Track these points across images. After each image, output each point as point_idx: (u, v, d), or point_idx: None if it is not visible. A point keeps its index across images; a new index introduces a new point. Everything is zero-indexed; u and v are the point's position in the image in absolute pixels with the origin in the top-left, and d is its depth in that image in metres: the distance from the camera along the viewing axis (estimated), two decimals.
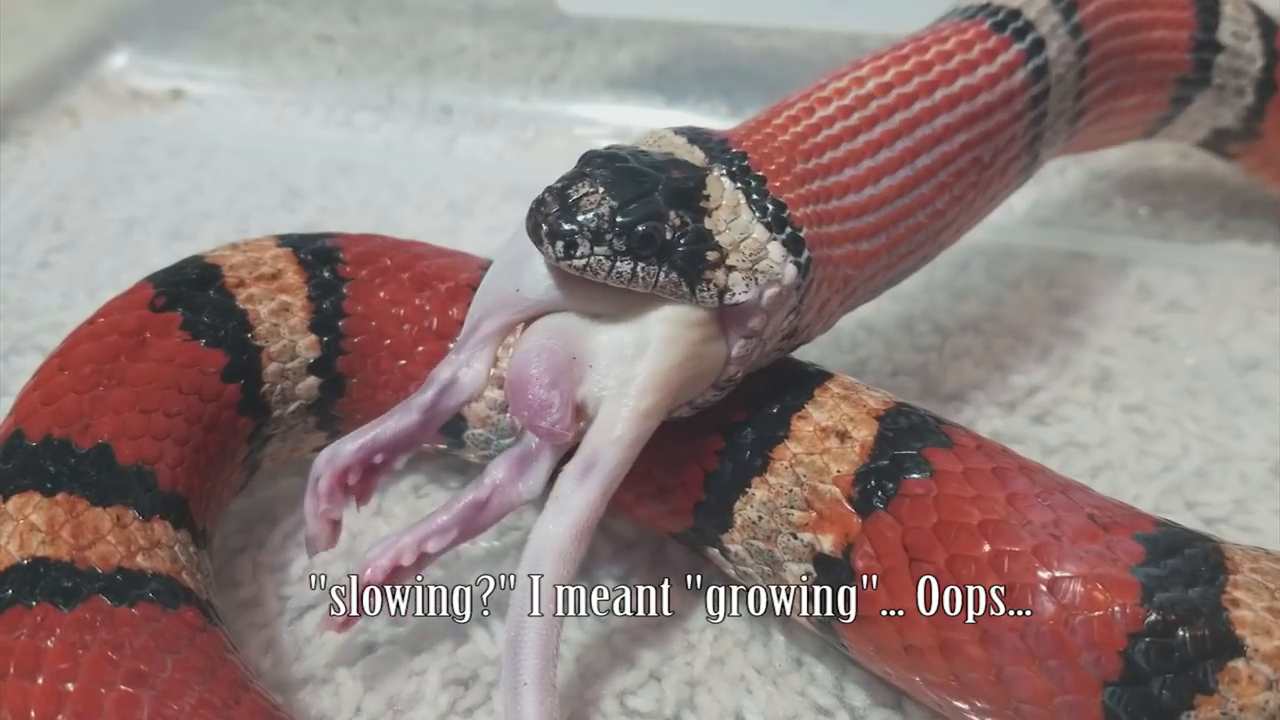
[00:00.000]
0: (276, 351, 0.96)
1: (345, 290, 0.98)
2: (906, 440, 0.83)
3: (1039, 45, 0.99)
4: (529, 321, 0.84)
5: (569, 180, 0.80)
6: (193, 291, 0.96)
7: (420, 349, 0.97)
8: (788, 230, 0.82)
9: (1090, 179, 1.46)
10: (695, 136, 0.87)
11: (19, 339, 1.25)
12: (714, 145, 0.86)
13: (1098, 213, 1.42)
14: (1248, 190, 1.40)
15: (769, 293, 0.81)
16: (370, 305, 0.98)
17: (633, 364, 0.80)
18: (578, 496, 0.78)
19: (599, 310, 0.82)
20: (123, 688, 0.73)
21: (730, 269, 0.80)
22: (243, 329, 0.95)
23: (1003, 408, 1.14)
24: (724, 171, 0.83)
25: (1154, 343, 1.22)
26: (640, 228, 0.78)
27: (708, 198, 0.81)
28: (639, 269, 0.79)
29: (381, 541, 0.84)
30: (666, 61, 1.73)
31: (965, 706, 0.78)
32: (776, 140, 0.87)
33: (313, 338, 0.97)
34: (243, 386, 0.94)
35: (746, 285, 0.80)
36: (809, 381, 0.89)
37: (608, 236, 0.78)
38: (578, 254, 0.78)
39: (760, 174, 0.84)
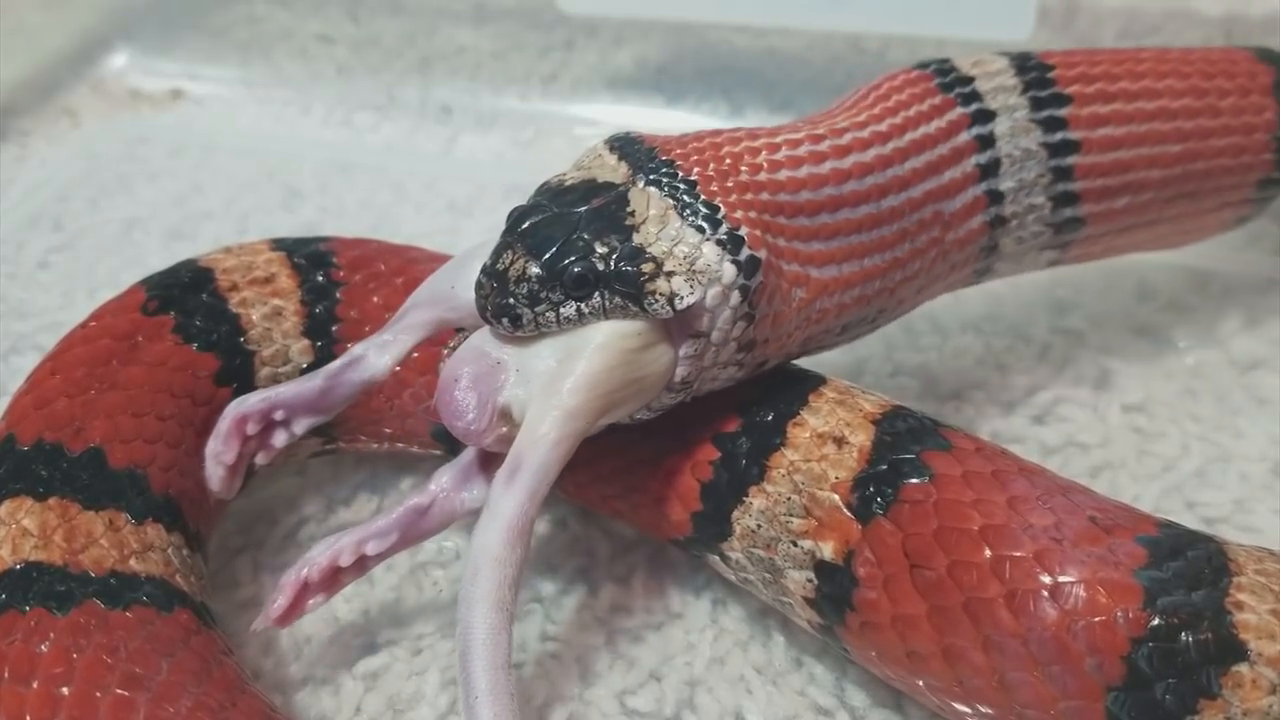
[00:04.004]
0: (269, 356, 0.96)
1: (338, 295, 0.98)
2: (904, 444, 0.82)
3: (985, 115, 0.96)
4: (470, 329, 0.85)
5: (496, 254, 0.81)
6: (185, 295, 0.96)
7: (414, 354, 0.96)
8: (723, 229, 0.81)
9: None
10: (625, 149, 0.86)
11: (19, 339, 1.25)
12: (640, 155, 0.85)
13: None
14: None
15: (711, 292, 0.80)
16: (364, 310, 0.98)
17: (563, 366, 0.80)
18: (506, 500, 0.76)
19: None
20: (118, 691, 0.73)
21: (670, 274, 0.79)
22: (235, 333, 0.95)
23: (1003, 408, 1.14)
24: (646, 181, 0.83)
25: (1154, 343, 1.21)
26: (574, 270, 0.79)
27: (632, 213, 0.81)
28: (583, 307, 0.79)
29: (323, 541, 0.84)
30: (666, 61, 1.72)
31: (968, 711, 0.78)
32: (721, 150, 0.86)
33: (306, 342, 0.97)
34: (235, 390, 0.94)
35: (691, 288, 0.79)
36: (803, 386, 0.89)
37: (543, 294, 0.79)
38: (524, 322, 0.79)
39: (691, 179, 0.83)
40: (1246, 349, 1.20)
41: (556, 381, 0.79)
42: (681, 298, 0.79)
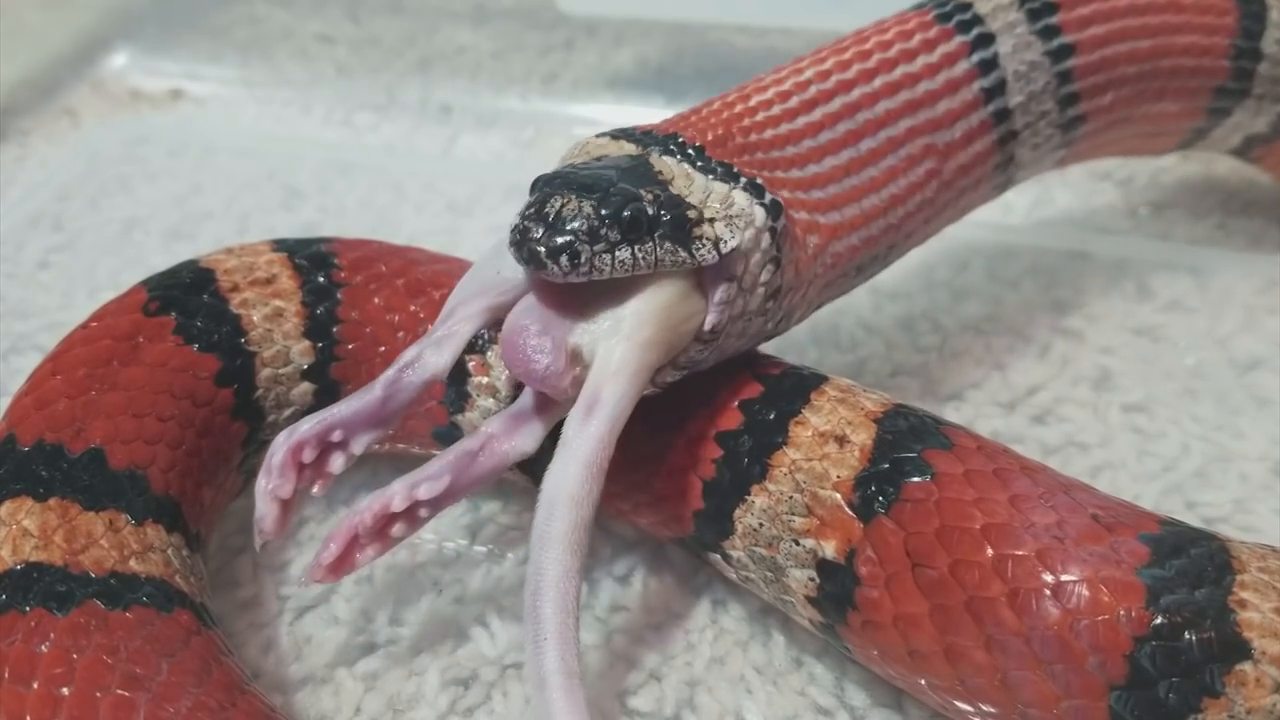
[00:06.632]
0: (270, 357, 0.96)
1: (340, 296, 0.98)
2: (906, 443, 0.82)
3: (986, 40, 1.00)
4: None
5: (539, 203, 0.80)
6: (186, 296, 0.95)
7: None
8: (743, 180, 0.85)
9: (1090, 179, 1.46)
10: (619, 134, 0.89)
11: (19, 339, 1.25)
12: (640, 136, 0.88)
13: (1098, 213, 1.42)
14: (1248, 190, 1.40)
15: (747, 235, 0.83)
16: (365, 311, 0.98)
17: (624, 307, 0.80)
18: (583, 436, 0.76)
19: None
20: (118, 691, 0.73)
21: (711, 221, 0.82)
22: (236, 334, 0.95)
23: (1002, 408, 1.14)
24: (660, 151, 0.85)
25: (1154, 343, 1.21)
26: (625, 212, 0.79)
27: (660, 174, 0.83)
28: (637, 251, 0.79)
29: (373, 493, 0.82)
30: (666, 61, 1.72)
31: (970, 710, 0.78)
32: (710, 120, 0.90)
33: (307, 343, 0.97)
34: (236, 391, 0.94)
35: (731, 231, 0.82)
36: (805, 385, 0.88)
37: (601, 232, 0.78)
38: (582, 260, 0.78)
39: (698, 144, 0.87)
40: (1246, 349, 1.19)
41: (621, 321, 0.80)
42: (725, 241, 0.81)
